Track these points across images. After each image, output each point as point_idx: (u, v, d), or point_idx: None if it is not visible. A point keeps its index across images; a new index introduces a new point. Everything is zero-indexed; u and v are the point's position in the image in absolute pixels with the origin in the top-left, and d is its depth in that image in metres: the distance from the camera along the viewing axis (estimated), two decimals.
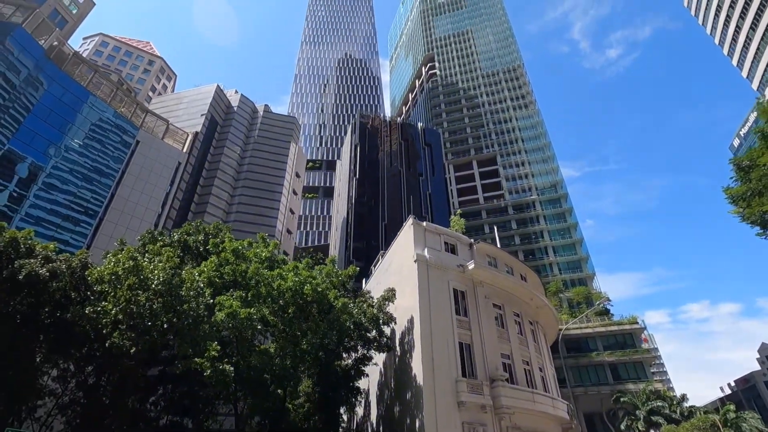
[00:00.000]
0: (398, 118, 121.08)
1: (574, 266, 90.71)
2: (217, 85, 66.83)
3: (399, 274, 30.07)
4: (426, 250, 28.34)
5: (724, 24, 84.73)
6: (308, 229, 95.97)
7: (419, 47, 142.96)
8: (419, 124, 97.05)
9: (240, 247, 24.63)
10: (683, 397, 54.84)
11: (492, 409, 24.25)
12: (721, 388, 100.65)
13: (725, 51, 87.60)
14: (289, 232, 62.42)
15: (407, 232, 30.30)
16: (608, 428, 57.67)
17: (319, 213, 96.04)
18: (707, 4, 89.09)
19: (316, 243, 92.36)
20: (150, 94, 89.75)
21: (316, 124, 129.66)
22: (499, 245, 44.70)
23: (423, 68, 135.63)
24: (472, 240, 32.12)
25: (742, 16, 78.09)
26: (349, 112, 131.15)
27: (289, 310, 23.24)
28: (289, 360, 23.98)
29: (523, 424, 25.25)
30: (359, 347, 26.00)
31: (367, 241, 60.24)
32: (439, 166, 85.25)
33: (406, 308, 27.17)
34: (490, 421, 23.97)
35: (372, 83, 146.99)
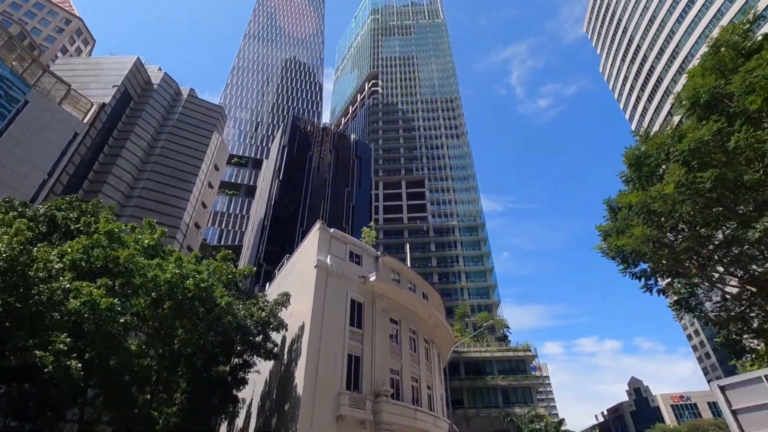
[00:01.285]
0: (335, 128, 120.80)
1: (483, 293, 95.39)
2: (138, 58, 61.28)
3: (299, 279, 28.96)
4: (329, 257, 27.63)
5: (628, 93, 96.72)
6: (225, 227, 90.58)
7: (365, 63, 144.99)
8: (353, 136, 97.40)
9: (117, 230, 21.97)
10: (561, 422, 59.26)
11: (371, 425, 23.79)
12: (596, 416, 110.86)
13: (627, 116, 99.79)
14: (197, 226, 58.15)
15: (313, 237, 29.41)
16: None
17: (238, 211, 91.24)
18: (617, 73, 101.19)
19: (231, 242, 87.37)
20: (59, 54, 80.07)
21: (251, 120, 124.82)
22: (408, 263, 45.45)
23: (366, 84, 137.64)
24: (379, 253, 32.07)
25: (642, 88, 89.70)
26: (287, 113, 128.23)
27: (165, 305, 21.01)
28: (156, 361, 21.62)
29: None
30: (243, 353, 24.32)
31: (282, 246, 57.77)
32: (367, 181, 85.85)
33: (299, 315, 26.06)
34: None
35: (314, 89, 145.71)
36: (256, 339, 23.55)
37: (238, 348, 23.57)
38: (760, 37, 12.52)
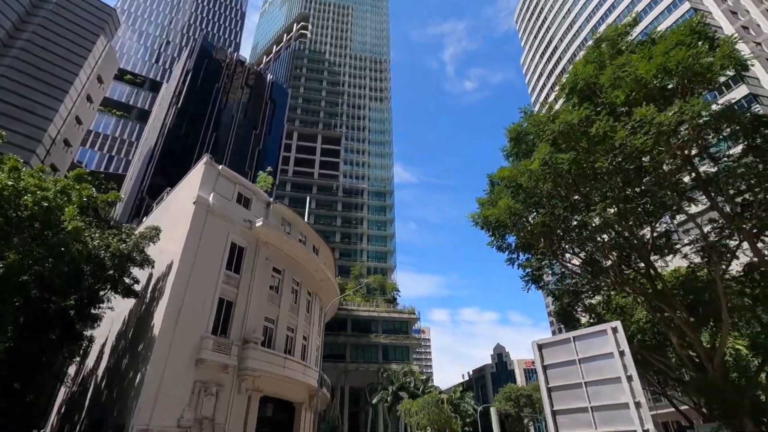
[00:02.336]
0: (255, 66, 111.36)
1: (381, 257, 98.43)
2: None
3: (177, 215, 26.40)
4: (213, 195, 25.46)
5: (540, 89, 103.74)
6: (109, 152, 79.52)
7: (296, 1, 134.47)
8: (270, 77, 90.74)
9: None
10: (428, 378, 65.26)
11: (235, 370, 23.17)
12: (462, 376, 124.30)
13: (535, 110, 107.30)
14: (67, 144, 49.82)
15: (197, 171, 26.82)
16: (368, 400, 63.97)
17: (126, 137, 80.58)
18: (534, 68, 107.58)
19: (114, 170, 77.30)
20: None
21: (159, 37, 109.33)
22: (306, 218, 44.48)
23: (295, 25, 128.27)
24: (271, 199, 30.54)
25: (553, 87, 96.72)
26: (200, 38, 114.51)
27: None
28: None
29: (266, 387, 24.95)
30: (95, 286, 21.62)
31: (171, 181, 52.17)
32: (279, 127, 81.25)
33: (170, 253, 23.86)
34: (230, 381, 22.84)
35: (236, 17, 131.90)
36: (112, 273, 21.02)
37: (90, 281, 20.85)
38: (638, 38, 13.56)
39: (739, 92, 46.27)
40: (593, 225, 13.29)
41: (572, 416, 10.06)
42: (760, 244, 13.77)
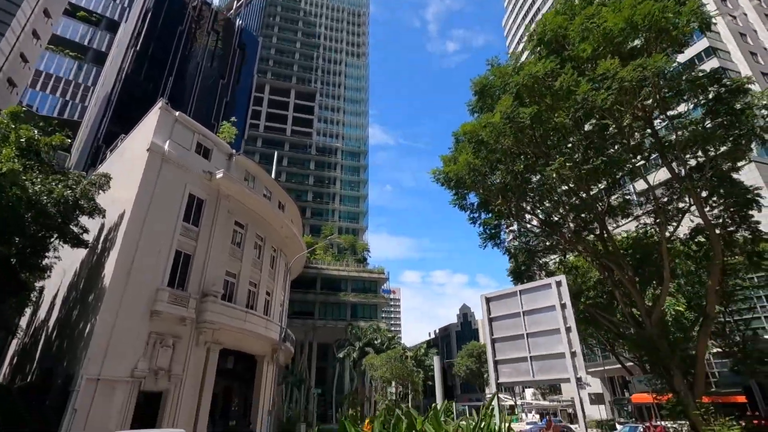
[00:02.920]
0: (225, 11, 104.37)
1: (353, 217, 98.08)
2: None
3: (131, 163, 24.94)
4: (168, 142, 24.06)
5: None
6: (63, 96, 73.83)
7: None
8: (239, 22, 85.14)
9: None
10: (394, 335, 67.38)
11: (193, 323, 22.89)
12: (429, 334, 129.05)
13: None
14: (11, 83, 45.68)
15: (152, 117, 25.17)
16: (335, 355, 65.58)
17: (81, 81, 74.82)
18: (515, 30, 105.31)
19: (70, 116, 72.18)
20: None
21: None
22: (273, 174, 43.26)
23: None
24: (234, 151, 29.26)
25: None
26: None
27: None
28: None
29: (227, 340, 24.89)
30: (38, 234, 20.40)
31: (129, 128, 48.93)
32: (248, 77, 77.22)
33: (123, 202, 22.69)
34: (188, 334, 22.60)
35: None
36: (57, 221, 19.79)
37: (33, 228, 19.62)
38: None
39: (709, 65, 46.79)
40: (551, 183, 13.22)
41: (513, 366, 10.32)
42: (707, 209, 14.16)
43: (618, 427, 35.19)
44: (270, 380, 29.31)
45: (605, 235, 14.57)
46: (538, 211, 15.91)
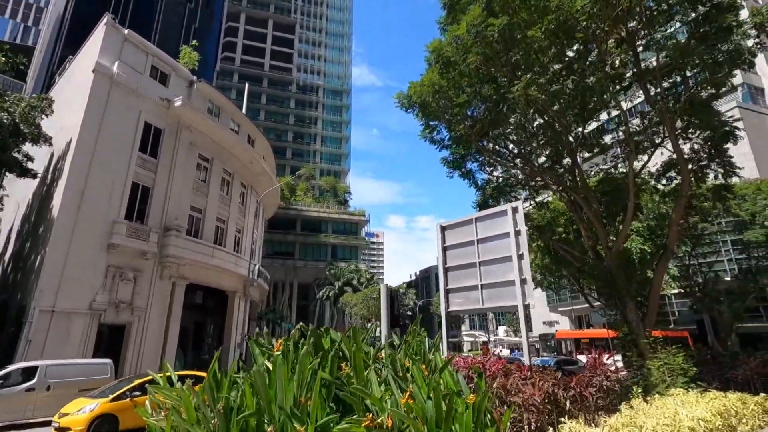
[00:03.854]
0: None
1: (335, 159, 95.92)
2: None
3: (78, 87, 22.85)
4: (117, 64, 21.87)
5: None
6: (20, 20, 67.33)
7: None
8: None
9: None
10: (373, 276, 68.72)
11: (156, 257, 22.23)
12: (410, 276, 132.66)
13: None
14: None
15: (98, 34, 22.71)
16: (315, 295, 66.89)
17: (33, 1, 67.98)
18: None
19: (23, 42, 66.17)
20: None
21: None
22: (245, 110, 40.92)
23: None
24: (195, 78, 27.07)
25: None
26: None
27: None
28: None
29: (193, 275, 24.48)
30: None
31: None
32: (219, 2, 70.92)
33: (71, 128, 20.97)
34: (150, 268, 22.01)
35: None
36: None
37: None
38: None
39: None
40: (520, 108, 12.21)
41: (464, 294, 9.96)
42: (681, 142, 13.51)
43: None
44: (241, 315, 29.47)
45: (576, 170, 13.92)
46: (508, 141, 15.06)
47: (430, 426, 4.01)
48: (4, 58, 21.12)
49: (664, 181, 14.67)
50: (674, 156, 13.57)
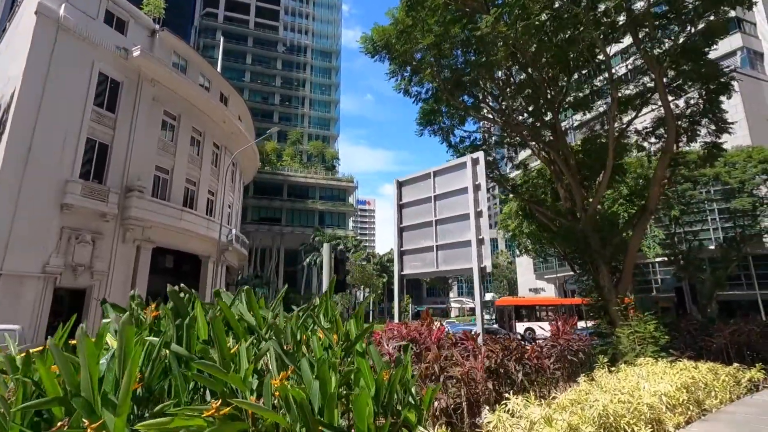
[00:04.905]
0: None
1: (324, 124, 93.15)
2: None
3: (24, 34, 20.77)
4: (64, 6, 19.79)
5: None
6: None
7: None
8: None
9: None
10: (360, 242, 68.32)
11: (117, 219, 21.04)
12: None
13: None
14: None
15: None
16: (302, 260, 66.41)
17: None
18: None
19: None
20: None
21: None
22: (219, 68, 38.55)
23: None
24: (158, 26, 24.94)
25: None
26: None
27: None
28: None
29: (161, 238, 23.42)
30: None
31: None
32: None
33: (15, 78, 19.17)
34: (112, 230, 20.87)
35: None
36: None
37: None
38: None
39: None
40: (493, 52, 10.83)
41: (419, 256, 8.98)
42: (671, 98, 12.31)
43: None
44: (216, 280, 28.66)
45: (556, 126, 12.74)
46: (486, 94, 13.71)
47: (307, 412, 3.08)
48: None
49: (653, 140, 13.55)
50: (663, 111, 12.39)
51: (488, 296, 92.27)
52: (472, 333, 6.82)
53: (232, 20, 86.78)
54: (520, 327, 30.48)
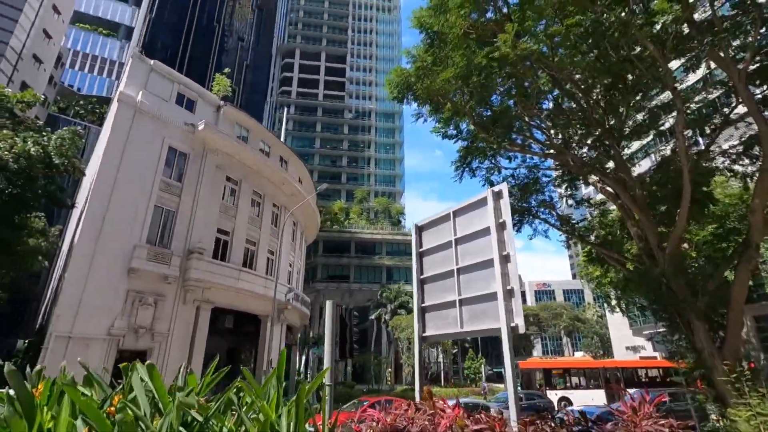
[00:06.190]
0: None
1: (389, 181, 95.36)
2: None
3: (108, 118, 23.95)
4: (142, 93, 22.56)
5: None
6: (101, 74, 76.57)
7: None
8: None
9: None
10: None
11: (179, 281, 21.96)
12: None
13: None
14: (38, 59, 47.08)
15: (126, 68, 23.77)
16: (366, 317, 65.19)
17: (116, 58, 76.82)
18: None
19: (108, 94, 74.89)
20: None
21: None
22: (283, 137, 41.38)
23: None
24: (222, 102, 27.42)
25: None
26: None
27: None
28: None
29: (220, 299, 23.94)
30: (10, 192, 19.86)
31: None
32: (268, 37, 74.88)
33: (100, 156, 21.76)
34: (173, 292, 21.74)
35: None
36: (22, 177, 19.06)
37: (1, 187, 19.07)
38: None
39: None
40: (521, 73, 9.58)
41: (440, 313, 7.52)
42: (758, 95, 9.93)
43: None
44: (276, 340, 28.37)
45: (612, 151, 10.84)
46: (525, 126, 12.28)
47: None
48: (38, 95, 22.71)
49: (745, 160, 10.94)
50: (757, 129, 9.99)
51: (578, 355, 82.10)
52: (495, 410, 5.09)
53: (304, 95, 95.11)
54: (552, 396, 25.69)
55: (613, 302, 24.30)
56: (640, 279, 10.04)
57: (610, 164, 11.82)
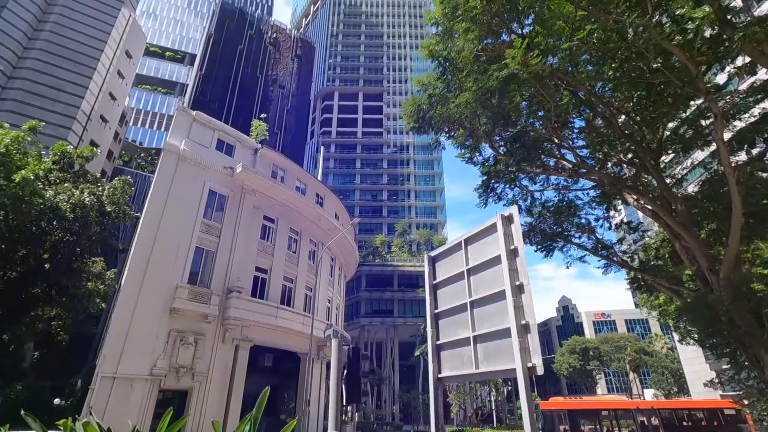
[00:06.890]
0: (295, 31, 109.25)
1: (430, 212, 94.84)
2: None
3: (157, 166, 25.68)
4: (185, 141, 24.14)
5: None
6: (160, 128, 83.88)
7: None
8: (293, 32, 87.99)
9: None
10: None
11: (218, 320, 22.40)
12: None
13: None
14: (104, 119, 52.32)
15: (173, 120, 25.64)
16: (412, 353, 63.28)
17: (173, 113, 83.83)
18: None
19: (157, 144, 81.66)
20: None
21: (191, 9, 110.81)
22: (323, 176, 42.54)
23: None
24: (259, 145, 28.71)
25: None
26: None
27: None
28: None
29: (259, 337, 24.11)
30: (66, 240, 21.47)
31: None
32: (307, 83, 78.86)
33: (146, 204, 23.23)
34: (213, 331, 22.16)
35: None
36: (75, 225, 20.59)
37: (58, 234, 20.72)
38: None
39: None
40: (555, 99, 9.11)
41: (455, 352, 6.91)
42: None
43: None
44: (317, 378, 27.94)
45: (648, 167, 9.90)
46: (553, 146, 11.59)
47: None
48: (95, 150, 24.85)
49: None
50: None
51: (648, 394, 74.39)
52: None
53: (343, 134, 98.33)
54: None
55: (683, 332, 21.83)
56: (693, 308, 8.77)
57: (648, 183, 10.82)
